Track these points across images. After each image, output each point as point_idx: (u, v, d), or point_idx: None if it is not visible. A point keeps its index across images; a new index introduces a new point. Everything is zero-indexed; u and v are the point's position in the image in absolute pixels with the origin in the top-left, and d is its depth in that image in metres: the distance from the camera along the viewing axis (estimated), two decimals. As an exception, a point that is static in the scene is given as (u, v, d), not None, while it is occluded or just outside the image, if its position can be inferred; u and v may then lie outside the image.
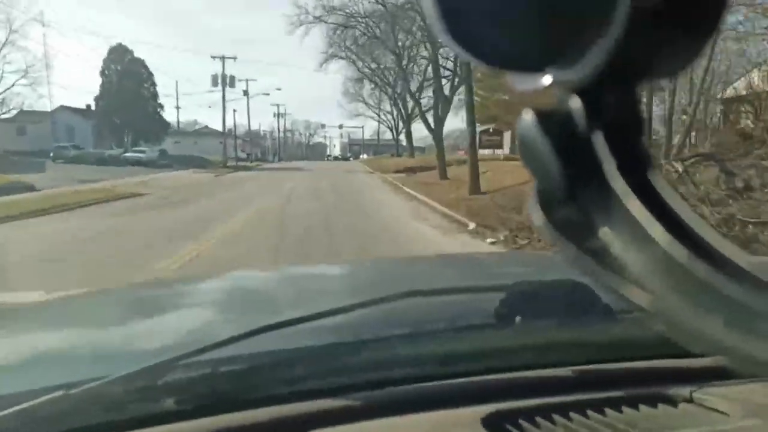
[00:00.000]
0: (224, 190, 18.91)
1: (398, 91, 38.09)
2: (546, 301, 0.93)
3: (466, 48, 0.23)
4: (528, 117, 0.24)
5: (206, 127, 68.01)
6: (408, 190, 18.05)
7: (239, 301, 1.35)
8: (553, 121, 0.23)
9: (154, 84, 43.72)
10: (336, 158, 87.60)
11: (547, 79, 0.23)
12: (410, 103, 39.26)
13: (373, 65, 35.72)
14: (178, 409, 0.74)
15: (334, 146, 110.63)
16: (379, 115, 54.09)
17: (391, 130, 53.79)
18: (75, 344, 1.07)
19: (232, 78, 43.56)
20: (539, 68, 0.23)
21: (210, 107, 68.42)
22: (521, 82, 0.24)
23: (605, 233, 0.22)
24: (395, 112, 47.84)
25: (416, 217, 11.19)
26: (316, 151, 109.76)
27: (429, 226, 9.75)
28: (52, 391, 0.71)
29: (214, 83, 42.23)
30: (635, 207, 0.21)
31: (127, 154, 36.60)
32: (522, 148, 0.24)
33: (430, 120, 23.16)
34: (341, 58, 37.27)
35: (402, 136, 50.52)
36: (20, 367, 0.93)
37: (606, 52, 0.20)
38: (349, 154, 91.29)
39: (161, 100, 45.31)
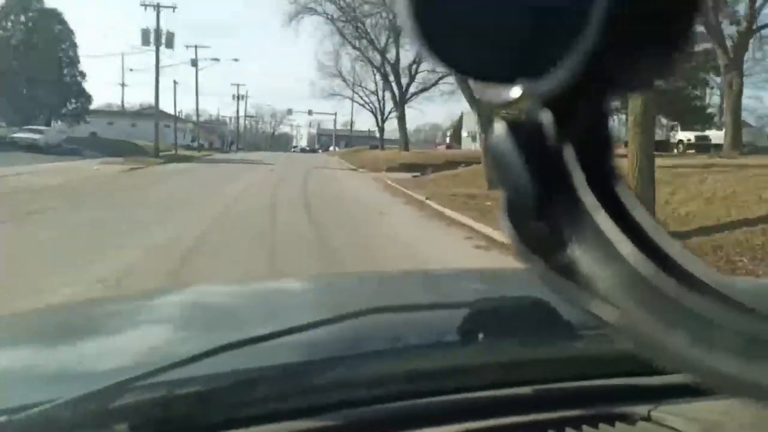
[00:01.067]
0: (95, 207, 10.91)
1: (391, 60, 28.61)
2: (508, 319, 0.99)
3: (436, 54, 0.24)
4: (499, 128, 0.25)
5: (150, 107, 58.15)
6: (460, 218, 9.63)
7: (200, 318, 1.35)
8: (523, 133, 0.24)
9: (74, 45, 33.66)
10: (303, 150, 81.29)
11: (516, 91, 0.24)
12: (405, 79, 29.85)
13: (359, 24, 26.30)
14: None
15: (301, 137, 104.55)
16: (354, 92, 46.17)
17: (375, 116, 45.83)
18: (21, 365, 1.06)
19: (171, 36, 33.54)
20: (509, 79, 0.24)
21: (132, 71, 55.96)
22: (491, 93, 0.25)
23: (574, 248, 0.23)
24: (381, 93, 37.92)
25: None
26: (282, 142, 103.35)
27: None
28: None
29: (146, 41, 32.24)
30: (604, 221, 0.22)
31: (17, 135, 27.62)
32: (492, 159, 0.25)
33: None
34: (316, 12, 27.60)
35: (385, 125, 40.67)
36: None
37: (577, 64, 0.21)
38: (317, 146, 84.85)
39: (83, 65, 35.38)
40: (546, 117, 0.24)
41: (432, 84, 24.79)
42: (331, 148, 70.65)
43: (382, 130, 45.66)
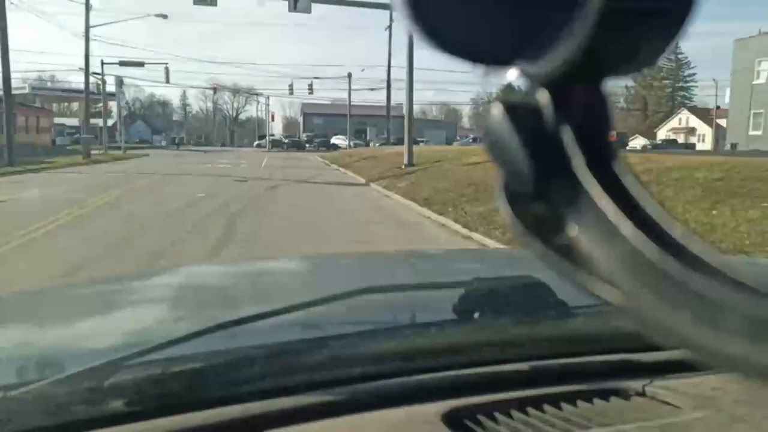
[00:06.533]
0: None
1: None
2: (503, 298, 1.01)
3: (433, 39, 0.24)
4: (497, 111, 0.25)
5: None
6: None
7: (193, 298, 1.37)
8: (521, 115, 0.24)
9: None
10: (277, 143, 51.69)
11: (513, 73, 0.24)
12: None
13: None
14: (126, 411, 0.76)
15: (273, 120, 66.54)
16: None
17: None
18: (17, 343, 1.08)
19: None
20: (507, 61, 0.24)
21: None
22: (489, 76, 0.25)
23: (574, 229, 0.23)
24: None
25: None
26: (248, 130, 72.82)
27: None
28: None
29: None
30: (605, 203, 0.22)
31: None
32: (489, 142, 0.25)
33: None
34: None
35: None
36: None
37: (575, 45, 0.21)
38: (305, 135, 51.32)
39: None
40: (544, 99, 0.24)
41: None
42: (341, 142, 39.87)
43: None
